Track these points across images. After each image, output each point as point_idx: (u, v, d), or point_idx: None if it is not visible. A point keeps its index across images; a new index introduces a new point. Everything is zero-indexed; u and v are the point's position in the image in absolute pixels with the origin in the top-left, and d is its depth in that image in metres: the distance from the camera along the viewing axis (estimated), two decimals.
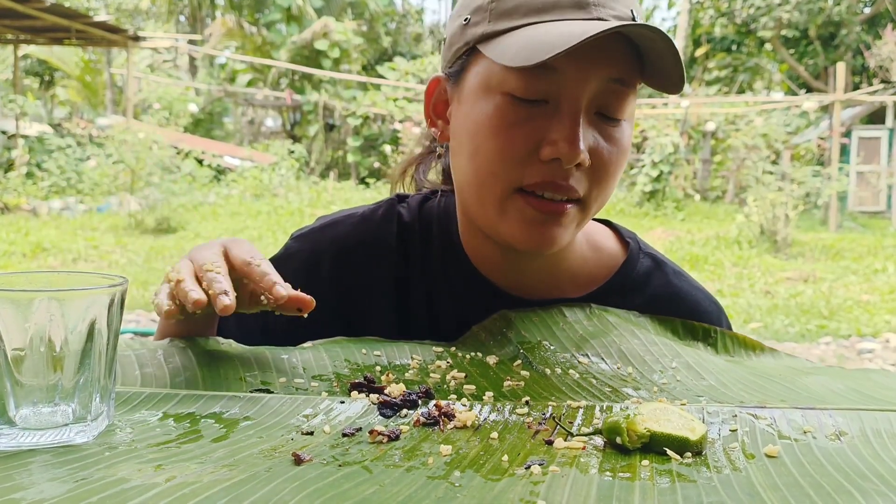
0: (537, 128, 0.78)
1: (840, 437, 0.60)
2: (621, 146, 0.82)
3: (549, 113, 0.78)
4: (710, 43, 19.82)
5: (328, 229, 0.97)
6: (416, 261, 0.95)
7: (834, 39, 17.78)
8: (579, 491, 0.49)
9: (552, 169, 0.79)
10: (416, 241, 0.95)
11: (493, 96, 0.80)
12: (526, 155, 0.79)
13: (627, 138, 0.83)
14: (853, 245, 9.80)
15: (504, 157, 0.80)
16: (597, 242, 0.97)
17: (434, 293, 0.94)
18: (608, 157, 0.81)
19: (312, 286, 0.93)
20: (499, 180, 0.81)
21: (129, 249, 8.27)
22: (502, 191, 0.81)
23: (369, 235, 0.95)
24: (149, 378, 0.70)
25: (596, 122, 0.80)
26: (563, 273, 0.93)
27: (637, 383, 0.73)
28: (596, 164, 0.80)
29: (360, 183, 15.67)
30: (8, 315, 0.53)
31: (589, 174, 0.80)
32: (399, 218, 0.96)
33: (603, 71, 0.77)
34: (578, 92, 0.78)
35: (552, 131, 0.78)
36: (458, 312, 0.91)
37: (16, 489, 0.46)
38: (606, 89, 0.78)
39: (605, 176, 0.81)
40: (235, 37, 19.62)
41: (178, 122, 14.36)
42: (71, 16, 11.41)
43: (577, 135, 0.77)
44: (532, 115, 0.79)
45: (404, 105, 15.23)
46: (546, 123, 0.78)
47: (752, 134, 12.01)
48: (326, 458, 0.53)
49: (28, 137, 12.83)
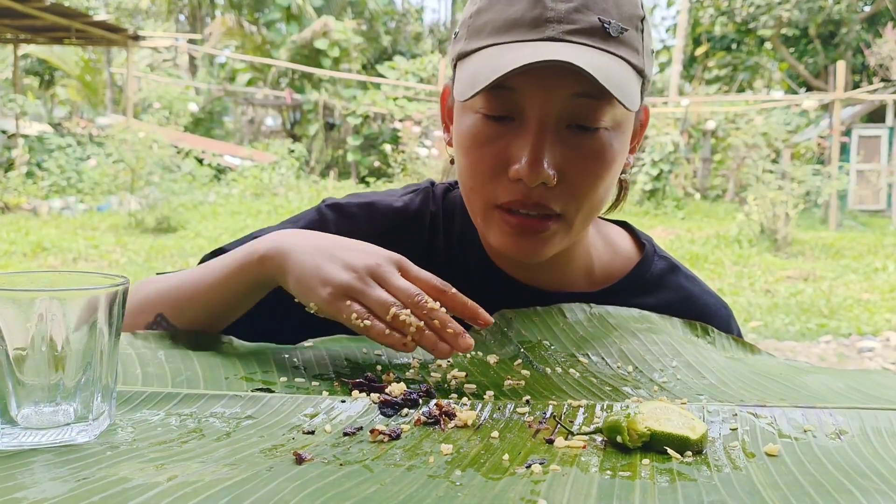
0: (505, 146, 0.79)
1: (840, 436, 0.60)
2: (601, 157, 0.80)
3: (516, 130, 0.79)
4: (710, 41, 19.81)
5: (367, 209, 0.96)
6: (441, 248, 0.96)
7: (834, 38, 17.77)
8: (580, 490, 0.49)
9: (520, 189, 0.79)
10: (439, 229, 0.97)
11: (469, 113, 0.81)
12: (496, 173, 0.80)
13: (609, 148, 0.80)
14: (853, 244, 9.80)
15: (477, 175, 0.81)
16: (613, 242, 0.98)
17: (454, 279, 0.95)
18: (583, 171, 0.79)
19: None
20: (478, 196, 0.83)
21: (129, 249, 8.27)
22: (483, 205, 0.83)
23: (406, 223, 0.96)
24: (150, 377, 0.70)
25: (569, 137, 0.79)
26: (578, 269, 0.94)
27: (637, 382, 0.73)
28: (570, 179, 0.79)
29: (361, 182, 15.66)
30: (10, 315, 0.53)
31: (563, 190, 0.79)
32: (433, 205, 0.98)
33: (565, 88, 0.76)
34: (541, 110, 0.77)
35: (516, 149, 0.78)
36: (474, 300, 0.92)
37: (18, 488, 0.46)
38: (575, 104, 0.77)
39: (583, 190, 0.80)
40: (235, 36, 19.63)
41: (178, 121, 14.36)
42: (71, 15, 11.41)
43: (539, 154, 0.76)
44: (500, 133, 0.79)
45: (404, 104, 15.22)
46: (513, 140, 0.79)
47: (753, 132, 12.01)
48: (328, 458, 0.53)
49: (28, 137, 12.83)
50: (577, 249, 0.92)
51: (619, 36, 0.77)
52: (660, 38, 26.15)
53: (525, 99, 0.77)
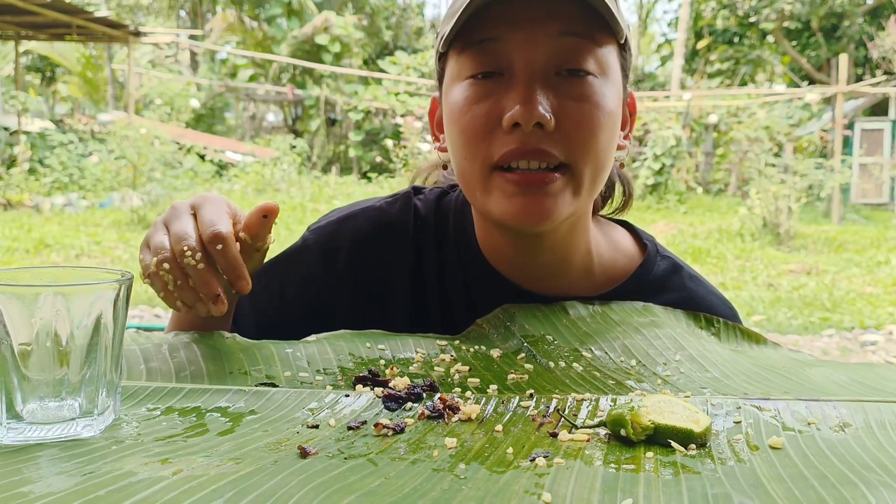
0: (497, 101, 0.79)
1: (844, 429, 0.60)
2: (595, 101, 0.79)
3: (506, 84, 0.79)
4: (712, 35, 19.76)
5: (346, 222, 0.97)
6: (431, 252, 0.95)
7: (836, 31, 17.71)
8: (584, 483, 0.49)
9: (517, 137, 0.78)
10: (431, 232, 0.96)
11: (459, 85, 0.81)
12: (490, 129, 0.79)
13: (603, 94, 0.79)
14: (856, 237, 9.78)
15: (471, 135, 0.80)
16: (614, 243, 0.96)
17: (448, 285, 0.94)
18: (579, 114, 0.78)
19: (330, 278, 0.94)
20: (475, 161, 0.81)
21: (131, 245, 8.27)
22: (481, 171, 0.81)
23: (386, 226, 0.96)
24: (154, 372, 0.70)
25: (559, 83, 0.79)
26: (577, 271, 0.92)
27: (640, 376, 0.73)
28: (568, 125, 0.78)
29: (363, 177, 15.65)
30: (14, 310, 0.53)
31: (563, 136, 0.78)
32: (415, 209, 0.97)
33: (548, 27, 0.77)
34: (527, 55, 0.77)
35: (508, 99, 0.78)
36: (471, 305, 0.92)
37: (24, 483, 0.47)
38: (560, 46, 0.77)
39: (583, 135, 0.78)
40: (236, 32, 19.59)
41: (179, 117, 14.35)
42: (72, 11, 11.40)
43: (532, 96, 0.76)
44: (491, 91, 0.79)
45: (406, 99, 15.19)
46: (504, 93, 0.79)
47: (755, 126, 11.98)
48: (332, 452, 0.53)
49: (30, 134, 12.83)
50: (578, 251, 0.91)
51: None
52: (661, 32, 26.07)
53: (511, 49, 0.78)
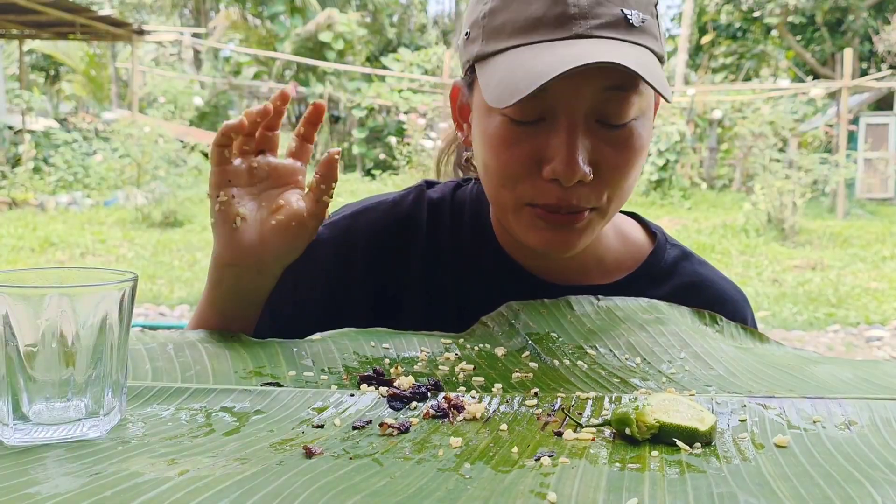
0: (537, 146, 0.78)
1: (850, 427, 0.60)
2: (631, 147, 0.80)
3: (547, 129, 0.78)
4: (716, 30, 19.71)
5: (360, 216, 0.97)
6: (446, 243, 0.96)
7: (841, 25, 17.64)
8: (589, 482, 0.49)
9: (556, 191, 0.78)
10: (446, 223, 0.96)
11: (494, 116, 0.80)
12: (528, 173, 0.79)
13: (639, 137, 0.80)
14: (861, 232, 9.75)
15: (508, 176, 0.80)
16: (624, 233, 0.98)
17: (463, 275, 0.95)
18: (617, 161, 0.79)
19: (345, 273, 0.94)
20: (509, 196, 0.82)
21: (136, 243, 8.29)
22: (514, 204, 0.82)
23: (401, 219, 0.96)
24: (160, 372, 0.70)
25: (598, 130, 0.78)
26: (591, 260, 0.94)
27: (645, 374, 0.73)
28: (604, 173, 0.79)
29: (366, 174, 15.65)
30: (20, 311, 0.53)
31: (598, 184, 0.79)
32: (430, 201, 0.97)
33: (595, 82, 0.76)
34: (572, 107, 0.77)
35: (550, 149, 0.77)
36: (487, 294, 0.92)
37: (31, 483, 0.47)
38: (604, 97, 0.77)
39: (617, 181, 0.80)
40: (239, 29, 19.60)
41: (183, 115, 14.35)
42: (75, 10, 11.42)
43: (575, 153, 0.76)
44: (530, 134, 0.78)
45: (409, 96, 15.18)
46: (545, 140, 0.78)
47: (759, 121, 11.94)
48: (337, 451, 0.53)
49: (34, 132, 12.84)
50: (594, 241, 0.91)
51: (640, 26, 0.77)
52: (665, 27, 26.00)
53: (556, 99, 0.76)
